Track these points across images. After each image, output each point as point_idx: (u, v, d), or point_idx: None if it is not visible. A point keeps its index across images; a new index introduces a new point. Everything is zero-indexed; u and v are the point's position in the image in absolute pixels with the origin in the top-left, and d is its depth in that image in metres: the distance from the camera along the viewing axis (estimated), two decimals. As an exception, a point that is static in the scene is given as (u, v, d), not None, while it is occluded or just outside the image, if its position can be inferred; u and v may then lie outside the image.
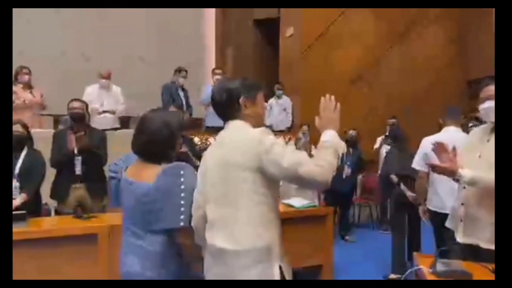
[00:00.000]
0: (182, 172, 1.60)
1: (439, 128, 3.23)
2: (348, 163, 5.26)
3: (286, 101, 7.05)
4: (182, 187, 1.58)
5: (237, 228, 1.45)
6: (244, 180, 1.44)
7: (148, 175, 1.61)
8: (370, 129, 7.02)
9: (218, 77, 5.64)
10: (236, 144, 1.49)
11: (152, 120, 1.66)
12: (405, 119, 7.08)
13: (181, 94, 5.51)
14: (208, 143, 5.48)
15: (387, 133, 5.85)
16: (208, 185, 1.53)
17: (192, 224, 1.58)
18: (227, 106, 1.56)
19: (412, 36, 7.47)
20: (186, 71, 5.48)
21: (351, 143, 5.36)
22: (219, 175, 1.50)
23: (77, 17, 7.46)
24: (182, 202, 1.57)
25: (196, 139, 5.44)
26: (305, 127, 5.42)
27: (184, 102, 5.48)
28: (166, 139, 1.65)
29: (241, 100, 1.54)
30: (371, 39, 7.24)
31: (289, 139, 5.18)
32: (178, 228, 1.57)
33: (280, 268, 1.46)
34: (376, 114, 7.26)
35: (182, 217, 1.57)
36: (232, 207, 1.46)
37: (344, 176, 5.17)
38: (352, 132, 5.49)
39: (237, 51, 8.81)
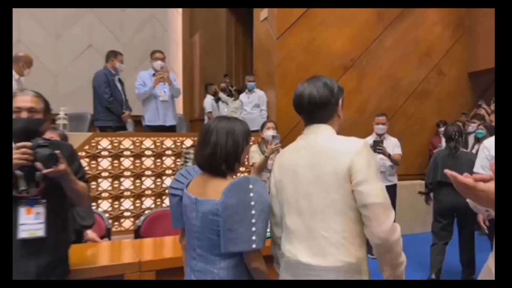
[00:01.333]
0: (251, 186, 1.43)
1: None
2: None
3: (259, 95, 5.91)
4: (252, 203, 1.41)
5: (327, 244, 1.35)
6: (341, 195, 1.34)
7: (214, 190, 1.47)
8: (363, 123, 5.95)
9: (160, 62, 4.42)
10: (333, 154, 1.39)
11: (216, 130, 1.53)
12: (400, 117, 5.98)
13: (119, 86, 4.31)
14: (143, 146, 4.32)
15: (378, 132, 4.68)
16: (299, 195, 1.42)
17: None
18: (326, 107, 1.47)
19: (408, 20, 6.38)
20: (121, 54, 4.29)
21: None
22: (311, 186, 1.40)
23: None
24: (253, 220, 1.40)
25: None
26: (270, 124, 3.89)
27: (123, 97, 4.29)
28: (231, 150, 1.52)
29: (340, 101, 1.51)
30: (362, 23, 6.13)
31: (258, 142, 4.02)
32: (250, 251, 1.41)
33: None
34: (367, 108, 6.17)
35: (254, 238, 1.40)
36: (323, 221, 1.36)
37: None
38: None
39: (206, 37, 7.63)
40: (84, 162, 3.85)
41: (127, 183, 4.24)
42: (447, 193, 3.61)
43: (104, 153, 4.15)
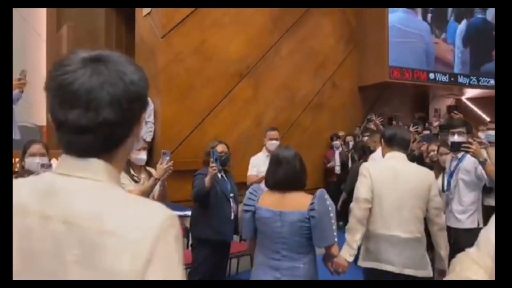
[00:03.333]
0: (326, 196, 1.98)
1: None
2: None
3: (142, 102, 4.98)
4: (330, 208, 1.96)
5: (412, 224, 2.23)
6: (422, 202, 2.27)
7: (298, 203, 1.96)
8: (259, 135, 5.46)
9: None
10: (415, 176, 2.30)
11: (286, 155, 2.05)
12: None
13: None
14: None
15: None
16: (397, 190, 2.24)
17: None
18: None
19: (304, 30, 6.16)
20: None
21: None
22: (397, 189, 2.24)
23: None
24: (333, 221, 1.95)
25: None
26: (143, 145, 2.99)
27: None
28: (300, 169, 2.05)
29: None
30: (257, 27, 5.69)
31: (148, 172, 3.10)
32: (333, 243, 1.98)
33: None
34: (264, 120, 5.72)
35: (334, 233, 1.96)
36: (408, 211, 2.23)
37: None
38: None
39: (81, 31, 6.37)
40: None
41: None
42: None
43: None
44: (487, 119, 8.44)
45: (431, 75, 6.61)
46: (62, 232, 0.65)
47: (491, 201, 3.24)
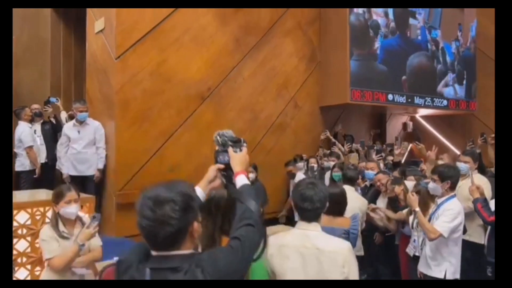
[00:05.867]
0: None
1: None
2: None
3: (94, 127, 4.59)
4: None
5: None
6: None
7: (341, 223, 2.60)
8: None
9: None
10: None
11: (325, 189, 2.00)
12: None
13: None
14: None
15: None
16: None
17: None
18: None
19: (266, 49, 6.02)
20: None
21: None
22: None
23: None
24: None
25: None
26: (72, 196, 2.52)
27: None
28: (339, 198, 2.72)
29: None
30: (219, 47, 5.45)
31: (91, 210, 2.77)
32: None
33: None
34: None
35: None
36: None
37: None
38: None
39: (23, 41, 5.75)
40: None
41: None
42: None
43: None
44: (438, 135, 8.82)
45: (390, 96, 6.74)
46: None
47: None
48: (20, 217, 2.56)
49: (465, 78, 7.86)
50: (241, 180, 1.53)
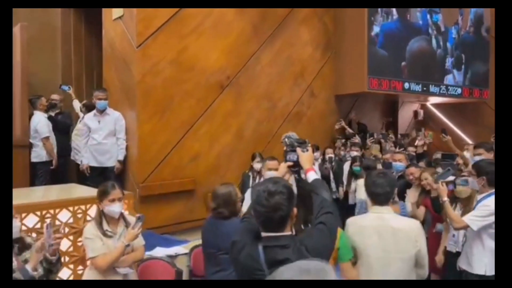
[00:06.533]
0: None
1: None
2: None
3: (115, 118, 4.48)
4: None
5: None
6: None
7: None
8: (241, 150, 5.17)
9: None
10: None
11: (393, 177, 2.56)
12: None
13: None
14: None
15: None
16: None
17: None
18: None
19: (282, 37, 5.88)
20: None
21: None
22: None
23: None
24: None
25: None
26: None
27: None
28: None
29: None
30: (237, 34, 5.31)
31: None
32: None
33: None
34: (245, 133, 5.42)
35: None
36: None
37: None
38: None
39: (32, 31, 5.57)
40: None
41: None
42: None
43: None
44: (449, 123, 8.79)
45: (406, 85, 6.66)
46: None
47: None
48: (62, 216, 2.49)
49: (463, 63, 7.58)
50: (312, 175, 1.76)
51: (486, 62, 7.78)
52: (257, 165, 4.40)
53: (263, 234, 1.45)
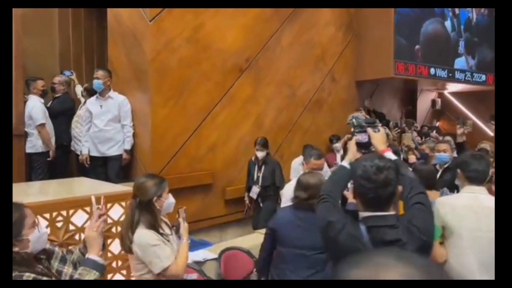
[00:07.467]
0: None
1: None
2: None
3: (118, 102, 3.95)
4: None
5: None
6: None
7: (433, 196, 2.06)
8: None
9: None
10: None
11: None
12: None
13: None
14: None
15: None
16: None
17: None
18: None
19: (302, 17, 5.35)
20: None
21: None
22: None
23: None
24: None
25: None
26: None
27: None
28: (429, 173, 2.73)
29: None
30: (255, 12, 4.77)
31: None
32: None
33: None
34: (265, 122, 4.92)
35: None
36: None
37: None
38: None
39: (26, 9, 4.96)
40: None
41: None
42: None
43: None
44: (466, 111, 8.39)
45: (432, 70, 6.21)
46: None
47: None
48: (114, 212, 2.01)
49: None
50: (390, 156, 1.62)
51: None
52: (260, 154, 4.10)
53: (365, 213, 1.38)
